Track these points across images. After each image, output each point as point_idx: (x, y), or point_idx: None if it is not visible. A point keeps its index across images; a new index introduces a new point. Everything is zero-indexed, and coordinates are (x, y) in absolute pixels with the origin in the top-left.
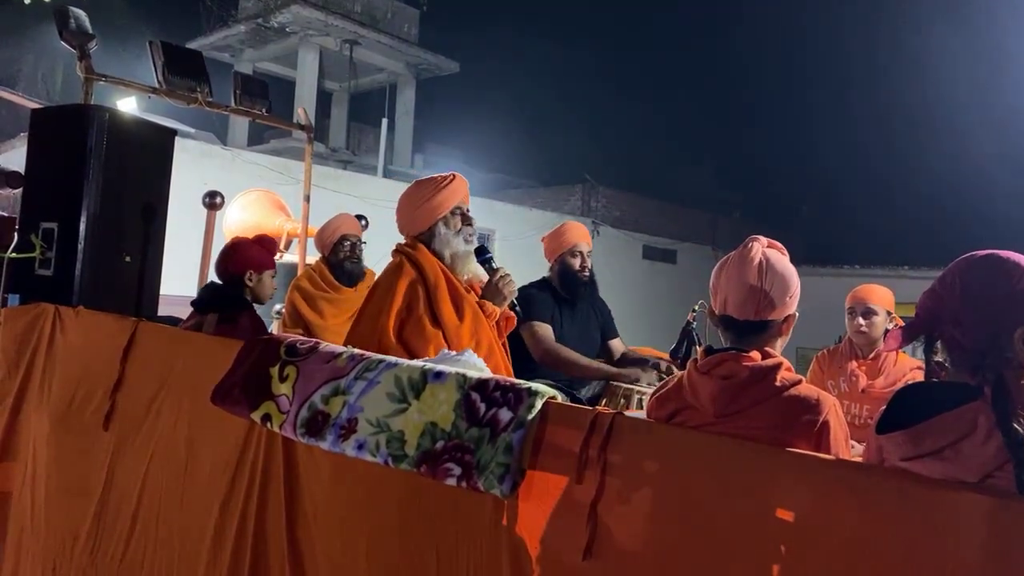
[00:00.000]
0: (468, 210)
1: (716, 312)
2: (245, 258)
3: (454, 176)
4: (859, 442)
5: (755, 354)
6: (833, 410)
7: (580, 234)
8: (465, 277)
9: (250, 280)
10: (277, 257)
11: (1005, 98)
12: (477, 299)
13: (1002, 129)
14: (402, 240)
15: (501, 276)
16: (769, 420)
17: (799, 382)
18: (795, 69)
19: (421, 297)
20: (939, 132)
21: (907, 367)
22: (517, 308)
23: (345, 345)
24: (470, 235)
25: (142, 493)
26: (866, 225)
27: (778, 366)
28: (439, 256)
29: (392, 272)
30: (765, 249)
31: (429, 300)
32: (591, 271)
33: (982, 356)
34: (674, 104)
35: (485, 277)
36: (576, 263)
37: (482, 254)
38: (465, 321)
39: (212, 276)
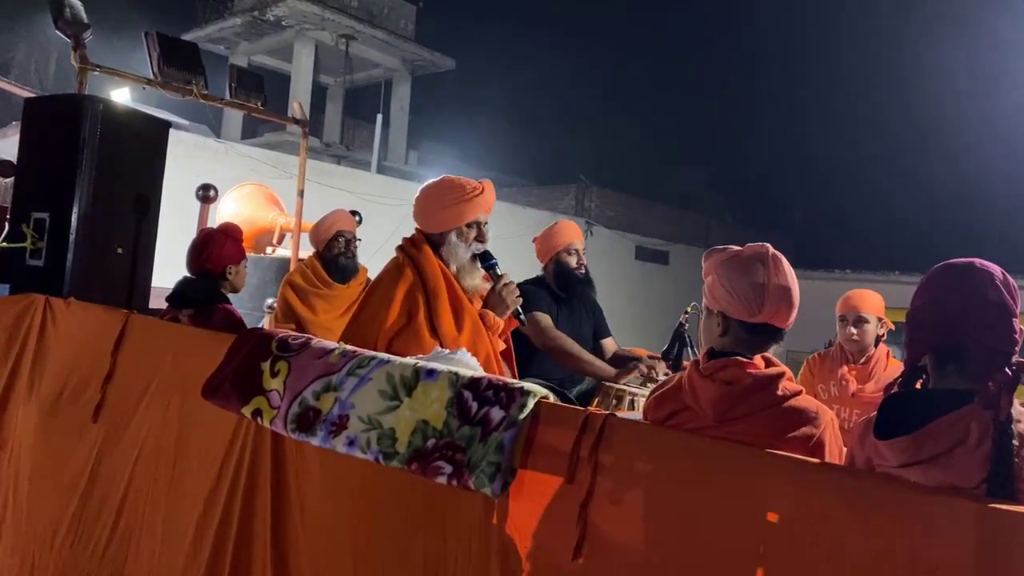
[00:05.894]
0: (486, 223)
1: (752, 320)
2: (222, 254)
3: (483, 188)
4: None
5: (759, 361)
6: (831, 425)
7: (574, 232)
8: (467, 287)
9: (230, 274)
10: (269, 251)
11: (998, 104)
12: (479, 309)
13: (995, 135)
14: (406, 234)
15: (505, 284)
16: (767, 429)
17: (799, 393)
18: (791, 74)
19: (420, 304)
20: (932, 138)
21: (897, 371)
22: (521, 316)
23: (340, 342)
24: (479, 249)
25: (129, 486)
26: (858, 230)
27: (780, 375)
28: (444, 263)
29: (391, 275)
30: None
31: (428, 307)
32: (587, 268)
33: (1007, 357)
34: (670, 106)
35: (487, 289)
36: (572, 261)
37: (486, 259)
38: (464, 332)
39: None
